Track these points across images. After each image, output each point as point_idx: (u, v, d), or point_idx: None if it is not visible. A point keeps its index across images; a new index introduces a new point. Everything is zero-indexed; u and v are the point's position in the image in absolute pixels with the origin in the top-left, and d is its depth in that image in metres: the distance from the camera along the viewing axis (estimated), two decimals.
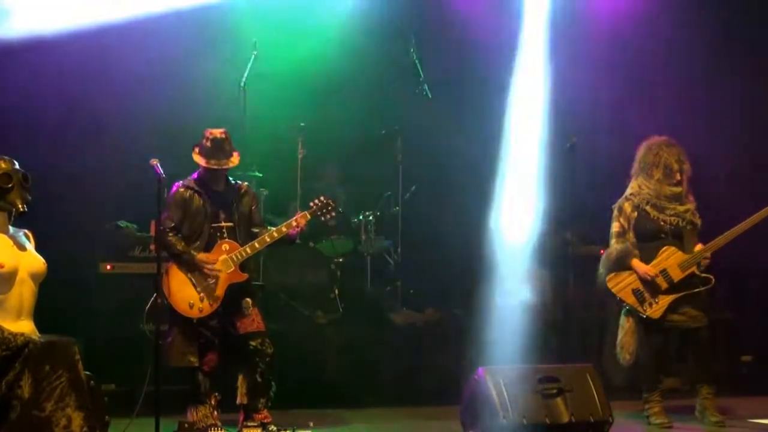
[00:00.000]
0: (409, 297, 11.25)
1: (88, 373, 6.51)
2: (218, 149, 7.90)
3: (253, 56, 10.63)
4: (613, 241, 8.90)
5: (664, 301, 8.69)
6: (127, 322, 9.01)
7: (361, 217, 11.40)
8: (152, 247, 9.25)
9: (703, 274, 8.74)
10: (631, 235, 8.83)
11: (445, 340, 10.56)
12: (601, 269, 8.93)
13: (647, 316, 8.70)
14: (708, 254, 8.73)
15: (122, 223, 9.89)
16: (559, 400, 7.48)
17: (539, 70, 11.46)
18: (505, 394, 7.36)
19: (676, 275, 8.68)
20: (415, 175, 11.70)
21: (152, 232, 9.08)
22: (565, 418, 7.41)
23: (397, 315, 10.87)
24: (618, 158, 11.30)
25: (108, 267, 9.67)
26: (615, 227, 8.91)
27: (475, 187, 11.60)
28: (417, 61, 11.54)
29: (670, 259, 8.71)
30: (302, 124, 11.11)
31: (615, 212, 8.94)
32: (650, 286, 8.70)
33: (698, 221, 8.85)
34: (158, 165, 7.62)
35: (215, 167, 7.90)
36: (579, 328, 11.23)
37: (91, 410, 6.29)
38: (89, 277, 9.69)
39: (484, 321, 10.94)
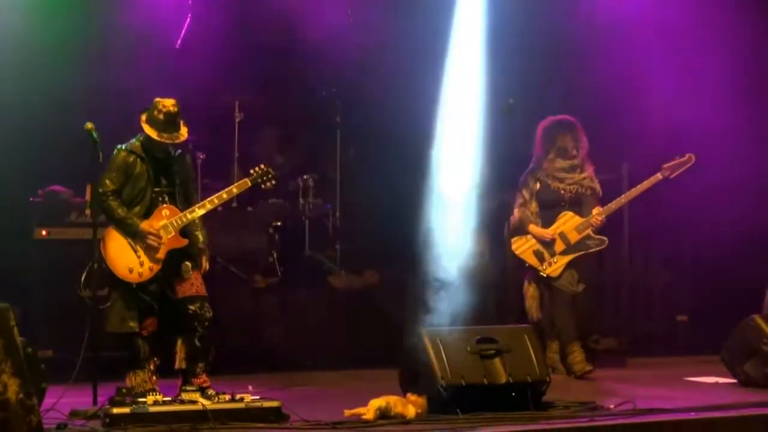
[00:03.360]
0: (349, 260, 11.26)
1: (24, 339, 6.46)
2: (171, 123, 7.79)
3: (189, 17, 10.55)
4: (515, 211, 9.59)
5: (563, 260, 9.41)
6: (64, 288, 8.95)
7: (299, 181, 11.37)
8: (88, 212, 9.17)
9: (598, 236, 9.46)
10: (533, 205, 9.54)
11: (384, 302, 10.60)
12: (506, 236, 9.59)
13: (547, 275, 9.41)
14: (601, 218, 9.41)
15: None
16: (497, 360, 7.53)
17: (476, 32, 11.46)
18: (443, 355, 7.39)
19: (573, 237, 9.40)
20: (354, 138, 11.68)
21: (88, 197, 9.00)
22: (503, 379, 7.46)
23: (337, 278, 10.88)
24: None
25: (44, 233, 9.58)
26: (518, 198, 9.62)
27: (413, 149, 11.61)
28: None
29: (568, 223, 9.43)
30: (239, 87, 11.05)
31: (520, 185, 9.63)
32: (549, 247, 9.40)
33: (597, 186, 9.55)
34: (93, 129, 7.57)
35: (167, 141, 7.82)
36: (516, 289, 11.30)
37: (27, 377, 6.25)
38: (25, 243, 9.60)
39: (423, 283, 10.99)
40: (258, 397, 7.21)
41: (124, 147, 7.89)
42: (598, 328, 10.93)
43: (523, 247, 9.51)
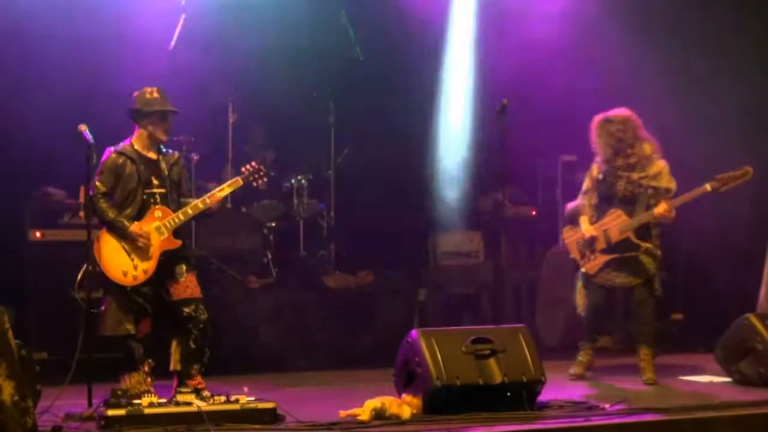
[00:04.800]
0: (343, 260, 11.25)
1: (18, 341, 6.45)
2: (165, 98, 7.94)
3: (182, 18, 10.54)
4: (579, 197, 9.25)
5: (601, 259, 9.00)
6: (59, 290, 8.94)
7: (293, 181, 11.36)
8: (81, 214, 9.16)
9: (637, 241, 8.91)
10: (594, 196, 9.13)
11: (378, 302, 10.61)
12: (564, 220, 9.39)
13: (585, 271, 9.09)
14: (651, 219, 8.88)
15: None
16: (492, 360, 7.52)
17: (470, 31, 11.48)
18: (438, 355, 7.39)
19: (615, 237, 8.94)
20: (348, 138, 11.67)
21: (81, 199, 9.00)
22: (498, 379, 7.45)
23: (331, 278, 10.88)
24: (549, 120, 11.40)
25: (38, 234, 9.57)
26: (583, 185, 9.23)
27: (407, 149, 11.62)
28: (348, 24, 11.52)
29: (615, 222, 8.96)
30: (233, 88, 11.03)
31: (587, 172, 9.23)
32: (591, 243, 9.03)
33: (662, 184, 8.96)
34: (86, 131, 7.57)
35: (170, 109, 7.94)
36: (511, 289, 11.33)
37: (22, 379, 6.23)
38: (18, 245, 9.59)
39: (417, 283, 11.01)
40: (253, 398, 7.20)
41: (114, 148, 7.90)
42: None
43: (571, 237, 9.20)
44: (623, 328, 11.31)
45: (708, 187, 8.84)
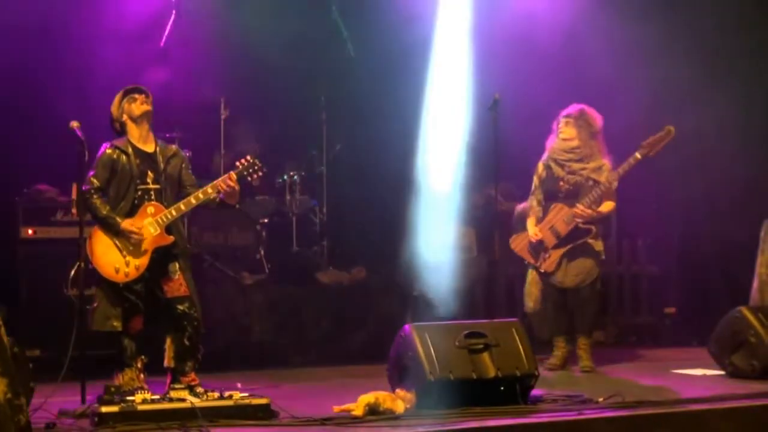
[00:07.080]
0: (336, 256, 11.26)
1: (11, 338, 6.44)
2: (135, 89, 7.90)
3: (173, 14, 10.54)
4: (529, 198, 9.43)
5: (556, 254, 9.19)
6: (51, 287, 8.94)
7: (285, 177, 11.36)
8: (74, 211, 9.15)
9: (585, 226, 9.11)
10: (539, 193, 9.33)
11: (371, 298, 10.61)
12: (513, 225, 9.59)
13: (543, 270, 9.24)
14: (584, 212, 9.04)
15: None
16: (485, 355, 7.52)
17: (462, 27, 11.47)
18: (431, 350, 7.39)
19: (563, 229, 9.14)
20: (340, 135, 11.67)
21: (73, 196, 8.99)
22: (492, 373, 7.46)
23: (324, 274, 10.89)
24: (541, 115, 11.39)
25: (30, 232, 9.56)
26: (532, 185, 9.42)
27: (399, 145, 11.62)
28: (339, 20, 11.52)
29: (558, 215, 9.17)
30: (224, 84, 11.03)
31: (535, 171, 9.42)
32: (541, 242, 9.21)
33: (603, 179, 9.10)
34: (79, 128, 7.55)
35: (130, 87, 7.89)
36: (505, 283, 11.33)
37: (15, 376, 6.22)
38: (11, 243, 9.58)
39: (410, 278, 11.00)
40: (247, 394, 7.20)
41: (109, 144, 7.88)
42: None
43: (521, 244, 9.38)
44: (616, 322, 11.36)
45: (638, 155, 9.04)
